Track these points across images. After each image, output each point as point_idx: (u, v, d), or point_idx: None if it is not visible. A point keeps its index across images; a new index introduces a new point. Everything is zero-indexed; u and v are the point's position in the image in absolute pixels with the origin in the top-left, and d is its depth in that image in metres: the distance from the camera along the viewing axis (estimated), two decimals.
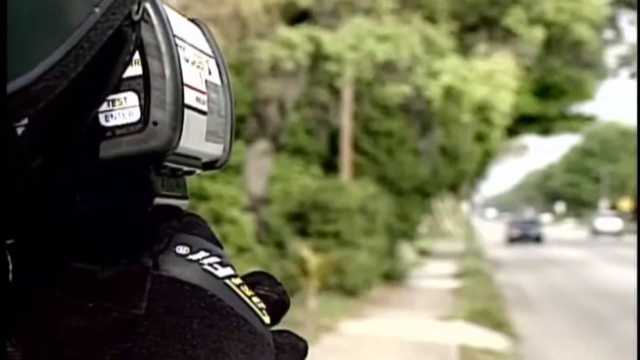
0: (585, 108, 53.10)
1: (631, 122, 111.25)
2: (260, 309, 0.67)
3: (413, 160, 25.92)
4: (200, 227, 0.68)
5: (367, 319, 16.13)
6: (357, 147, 24.47)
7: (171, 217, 0.67)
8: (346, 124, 23.60)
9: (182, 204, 0.69)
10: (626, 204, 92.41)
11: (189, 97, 0.66)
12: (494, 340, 14.66)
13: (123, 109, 0.64)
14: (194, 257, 0.65)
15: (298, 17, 20.24)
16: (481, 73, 20.97)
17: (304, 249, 18.18)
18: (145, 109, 0.63)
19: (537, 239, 56.45)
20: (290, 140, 23.54)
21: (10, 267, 0.59)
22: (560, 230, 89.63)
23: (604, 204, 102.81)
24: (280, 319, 0.69)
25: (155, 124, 0.63)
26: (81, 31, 0.51)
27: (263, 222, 19.09)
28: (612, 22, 28.34)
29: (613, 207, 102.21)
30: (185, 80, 0.66)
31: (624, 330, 16.38)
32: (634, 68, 31.21)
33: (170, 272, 0.64)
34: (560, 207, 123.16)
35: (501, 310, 18.38)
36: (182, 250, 0.65)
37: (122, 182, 0.64)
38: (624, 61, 31.33)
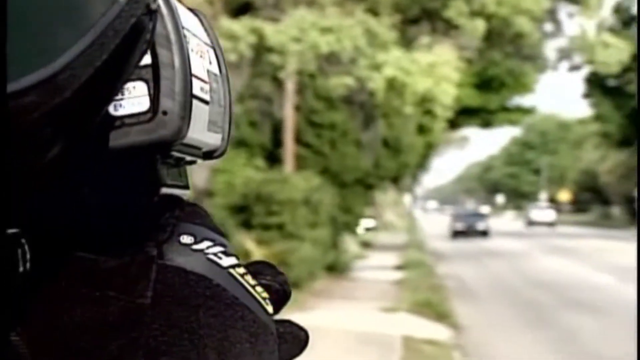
0: (525, 101, 53.70)
1: (569, 114, 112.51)
2: (264, 299, 0.67)
3: (356, 152, 25.98)
4: (202, 217, 0.68)
5: (311, 310, 16.15)
6: (300, 139, 24.48)
7: (174, 206, 0.66)
8: (289, 116, 23.59)
9: (184, 193, 0.69)
10: (565, 195, 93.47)
11: (195, 87, 0.66)
12: (437, 331, 14.76)
13: (132, 98, 0.63)
14: (198, 246, 0.65)
15: (241, 9, 20.19)
16: (423, 65, 21.07)
17: (247, 242, 18.16)
18: (154, 98, 0.63)
19: (484, 233, 53.42)
20: (233, 133, 23.46)
21: (28, 256, 0.58)
22: (500, 222, 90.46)
23: (543, 195, 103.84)
24: (282, 308, 0.70)
25: (164, 113, 0.63)
26: (106, 20, 0.51)
27: None
28: (551, 14, 28.60)
29: (552, 199, 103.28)
30: (192, 70, 0.66)
31: (565, 321, 16.58)
32: (573, 61, 31.54)
33: (175, 262, 0.63)
34: (500, 198, 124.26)
35: (444, 302, 18.51)
36: (186, 239, 0.65)
37: (130, 172, 0.64)
38: (563, 54, 31.62)
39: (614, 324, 16.09)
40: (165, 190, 0.67)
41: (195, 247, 0.65)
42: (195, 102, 0.66)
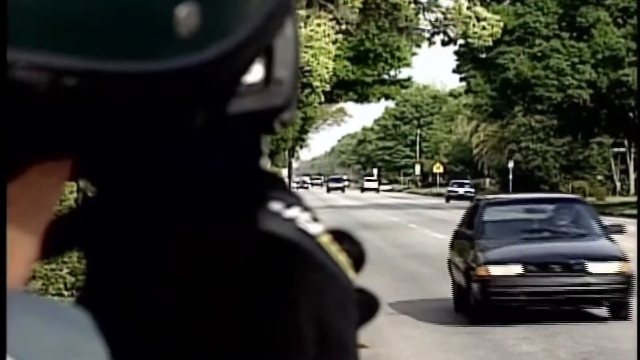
0: (401, 75, 54.13)
1: (442, 87, 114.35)
2: (347, 266, 0.68)
3: None
4: (283, 183, 0.68)
5: None
6: None
7: (262, 173, 0.67)
8: None
9: (264, 160, 0.70)
10: (438, 167, 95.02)
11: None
12: None
13: None
14: (287, 213, 0.66)
15: None
16: (302, 38, 20.97)
17: None
18: (268, 67, 0.63)
19: None
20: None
21: None
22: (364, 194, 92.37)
23: (417, 168, 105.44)
24: (359, 275, 0.71)
25: (278, 81, 0.63)
26: None
27: None
28: None
29: (423, 171, 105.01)
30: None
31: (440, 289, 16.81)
32: (448, 34, 31.88)
33: (267, 229, 0.64)
34: (375, 172, 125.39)
35: None
36: (276, 206, 0.66)
37: (236, 140, 0.65)
38: (437, 27, 31.92)
39: None
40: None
41: (285, 213, 0.66)
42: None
